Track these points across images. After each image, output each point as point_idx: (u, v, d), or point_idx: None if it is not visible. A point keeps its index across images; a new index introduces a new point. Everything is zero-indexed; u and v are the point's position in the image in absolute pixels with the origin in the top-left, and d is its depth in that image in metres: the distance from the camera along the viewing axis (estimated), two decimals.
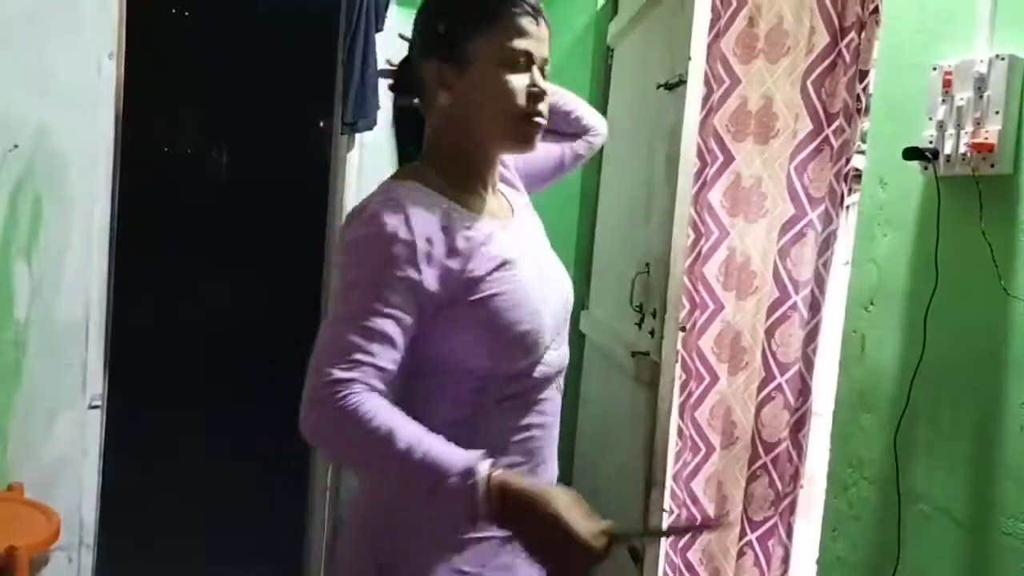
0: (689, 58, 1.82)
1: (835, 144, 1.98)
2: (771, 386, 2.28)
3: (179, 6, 5.55)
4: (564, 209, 2.86)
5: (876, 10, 1.90)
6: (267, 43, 5.34)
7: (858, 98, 1.95)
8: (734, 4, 2.27)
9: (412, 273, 1.03)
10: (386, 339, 1.01)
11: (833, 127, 1.98)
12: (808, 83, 1.99)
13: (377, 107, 2.52)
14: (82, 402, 2.49)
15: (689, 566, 2.52)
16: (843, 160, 1.98)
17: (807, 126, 1.99)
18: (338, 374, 0.97)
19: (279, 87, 5.26)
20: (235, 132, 6.02)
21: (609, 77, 2.75)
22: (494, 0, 1.15)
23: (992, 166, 1.50)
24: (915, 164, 1.62)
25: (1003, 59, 1.49)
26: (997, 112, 1.50)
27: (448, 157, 1.17)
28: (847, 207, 2.17)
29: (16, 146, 2.32)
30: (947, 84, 1.57)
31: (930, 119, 1.60)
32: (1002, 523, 1.49)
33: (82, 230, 2.44)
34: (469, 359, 1.10)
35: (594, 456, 2.61)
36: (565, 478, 2.80)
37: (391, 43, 2.75)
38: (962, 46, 1.60)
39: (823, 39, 1.99)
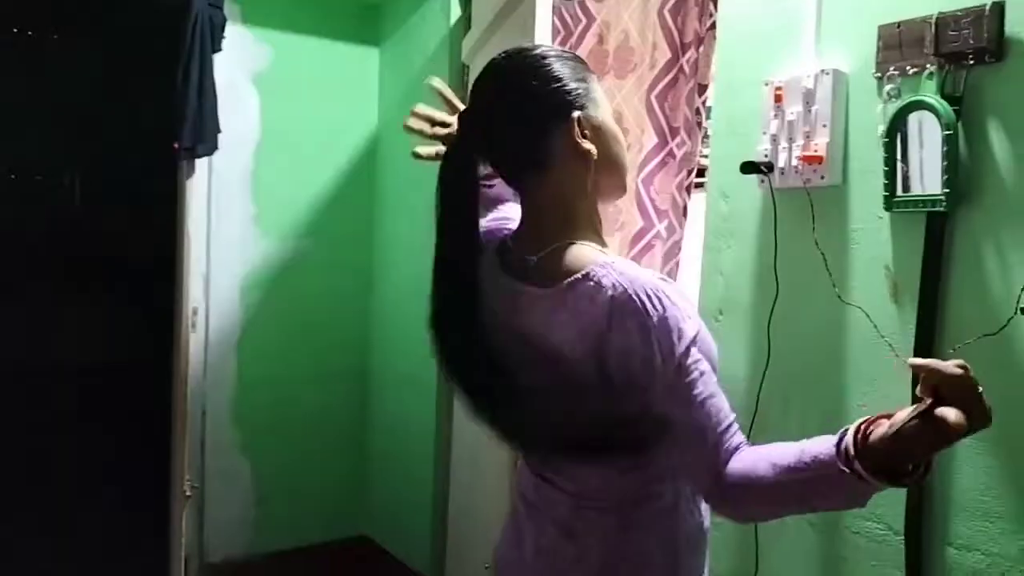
0: None
1: (678, 156, 2.02)
2: None
3: (20, 26, 5.21)
4: (432, 227, 2.82)
5: (714, 25, 1.94)
6: (118, 64, 5.10)
7: (697, 111, 2.00)
8: (584, 21, 2.29)
9: (693, 326, 1.04)
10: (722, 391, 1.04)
11: (676, 140, 2.02)
12: (652, 98, 2.02)
13: (217, 131, 2.41)
14: None
15: None
16: (684, 172, 2.02)
17: (652, 140, 2.02)
18: (725, 458, 1.00)
19: (134, 111, 5.03)
20: (86, 158, 5.71)
21: (466, 93, 2.72)
22: (580, 58, 1.17)
23: (822, 177, 1.55)
24: (753, 177, 1.66)
25: (828, 74, 1.55)
26: (825, 125, 1.56)
27: (585, 216, 1.14)
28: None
29: None
30: (778, 99, 1.62)
31: (764, 133, 1.65)
32: (851, 523, 1.54)
33: None
34: None
35: (470, 478, 2.57)
36: (442, 499, 2.76)
37: (229, 64, 2.67)
38: (791, 62, 1.65)
39: (665, 55, 2.02)
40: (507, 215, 1.30)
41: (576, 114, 1.10)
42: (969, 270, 1.37)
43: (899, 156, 1.42)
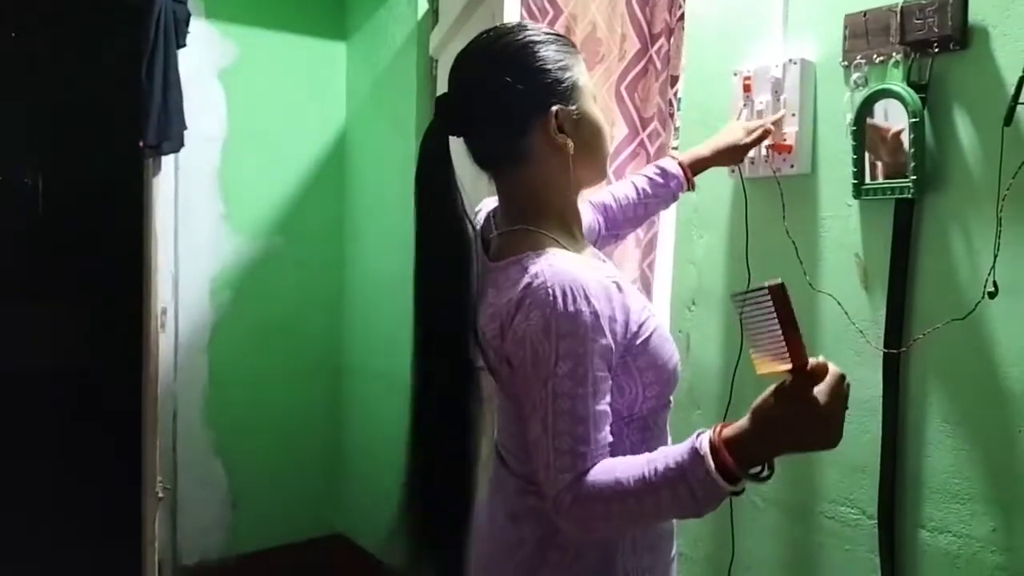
0: None
1: (651, 148, 2.03)
2: None
3: None
4: (403, 222, 2.80)
5: (683, 16, 1.95)
6: (80, 62, 5.01)
7: (670, 102, 2.00)
8: (551, 12, 2.28)
9: (603, 340, 0.98)
10: (603, 416, 0.99)
11: (648, 131, 2.03)
12: (622, 89, 2.02)
13: (183, 127, 2.37)
14: None
15: None
16: None
17: (623, 131, 2.03)
18: (567, 478, 0.97)
19: (97, 109, 4.94)
20: (51, 157, 5.61)
21: (435, 88, 2.71)
22: (565, 38, 1.14)
23: (792, 166, 1.56)
24: (723, 168, 1.66)
25: (796, 63, 1.56)
26: (793, 114, 1.57)
27: (555, 208, 1.12)
28: None
29: None
30: (747, 89, 1.63)
31: None
32: (825, 508, 1.56)
33: None
34: (637, 403, 1.08)
35: None
36: None
37: (194, 60, 2.63)
38: (759, 52, 1.66)
39: (634, 46, 2.03)
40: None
41: (554, 108, 1.07)
42: (937, 256, 1.38)
43: (867, 144, 1.44)
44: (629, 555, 1.11)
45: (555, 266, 1.00)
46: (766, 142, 1.58)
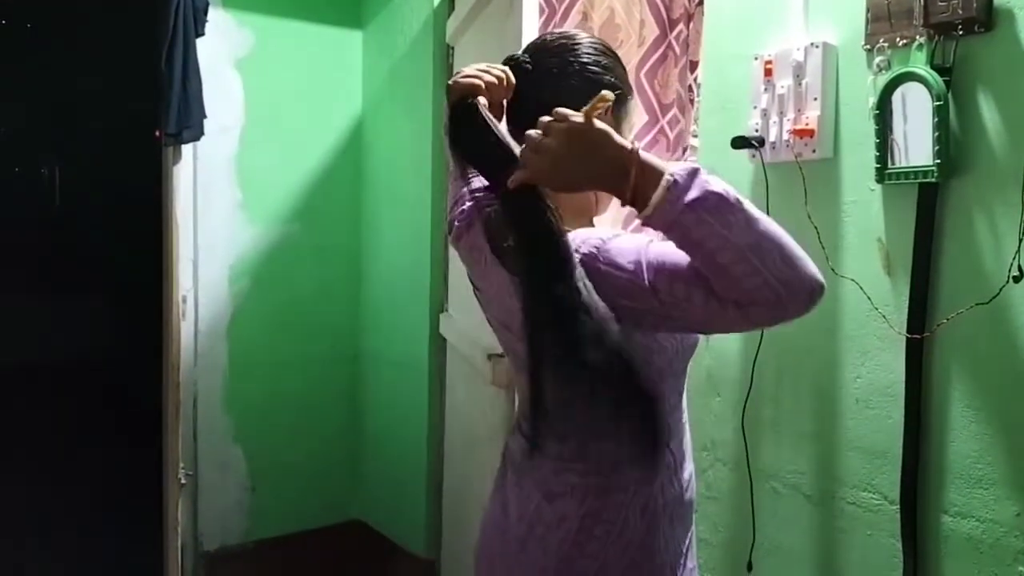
0: None
1: (671, 135, 2.02)
2: None
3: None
4: (419, 210, 2.81)
5: (702, 1, 1.94)
6: (98, 51, 5.03)
7: (690, 88, 1.99)
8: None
9: None
10: None
11: (668, 118, 2.02)
12: (641, 75, 2.02)
13: (203, 116, 2.38)
14: None
15: None
16: (680, 150, 2.02)
17: (643, 117, 2.02)
18: None
19: (116, 98, 4.97)
20: (69, 149, 5.64)
21: (451, 75, 2.70)
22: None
23: (814, 151, 1.55)
24: (744, 152, 1.66)
25: (818, 47, 1.55)
26: (815, 98, 1.56)
27: (576, 206, 1.20)
28: None
29: None
30: (768, 73, 1.62)
31: (755, 108, 1.65)
32: (846, 494, 1.56)
33: None
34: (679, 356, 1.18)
35: (464, 460, 2.57)
36: (436, 481, 2.76)
37: (211, 49, 2.63)
38: (780, 36, 1.65)
39: (653, 32, 2.02)
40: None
41: (608, 93, 1.08)
42: (961, 240, 1.37)
43: (890, 128, 1.43)
44: (666, 524, 1.15)
45: (577, 235, 1.08)
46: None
